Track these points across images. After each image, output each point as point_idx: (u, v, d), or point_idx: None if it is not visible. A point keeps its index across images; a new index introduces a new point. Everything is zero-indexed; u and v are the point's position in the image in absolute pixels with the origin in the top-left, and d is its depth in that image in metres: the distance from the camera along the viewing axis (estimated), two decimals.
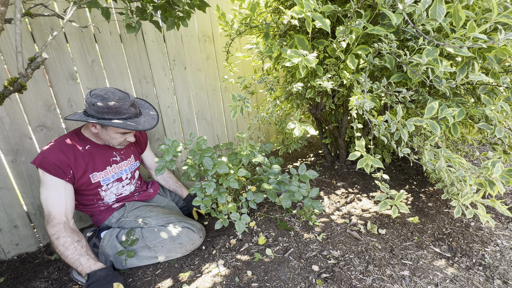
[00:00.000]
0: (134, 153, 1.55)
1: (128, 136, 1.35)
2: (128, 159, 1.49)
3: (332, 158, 2.31)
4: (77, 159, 1.27)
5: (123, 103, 1.24)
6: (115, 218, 1.44)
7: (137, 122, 1.28)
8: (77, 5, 1.04)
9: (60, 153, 1.22)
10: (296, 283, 1.15)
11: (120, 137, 1.32)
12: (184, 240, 1.34)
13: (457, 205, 1.23)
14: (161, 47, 1.81)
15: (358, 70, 1.52)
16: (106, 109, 1.21)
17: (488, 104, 1.23)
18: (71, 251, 1.15)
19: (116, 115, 1.23)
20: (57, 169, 1.20)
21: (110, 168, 1.40)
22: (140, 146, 1.60)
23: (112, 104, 1.21)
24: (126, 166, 1.48)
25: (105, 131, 1.29)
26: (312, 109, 1.82)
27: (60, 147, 1.24)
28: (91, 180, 1.33)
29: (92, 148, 1.33)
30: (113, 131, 1.29)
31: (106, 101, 1.21)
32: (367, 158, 1.18)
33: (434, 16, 1.01)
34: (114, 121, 1.22)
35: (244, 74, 2.32)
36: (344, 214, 1.62)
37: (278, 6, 1.60)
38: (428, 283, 1.14)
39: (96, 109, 1.21)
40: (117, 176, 1.44)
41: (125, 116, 1.25)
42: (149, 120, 1.34)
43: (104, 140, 1.33)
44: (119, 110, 1.23)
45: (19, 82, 0.83)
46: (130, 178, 1.51)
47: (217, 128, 2.30)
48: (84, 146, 1.31)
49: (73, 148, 1.27)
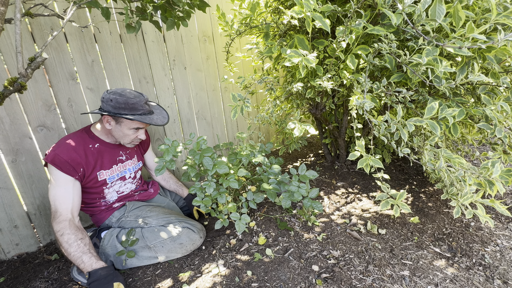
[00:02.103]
0: (138, 154, 1.58)
1: (140, 134, 1.38)
2: (132, 158, 1.52)
3: (332, 158, 2.31)
4: (87, 157, 1.30)
5: (139, 100, 1.29)
6: (116, 217, 1.44)
7: (151, 118, 1.33)
8: (77, 5, 1.04)
9: (72, 151, 1.25)
10: (296, 283, 1.15)
11: (132, 133, 1.35)
12: (184, 240, 1.34)
13: (457, 205, 1.23)
14: (161, 47, 1.81)
15: (358, 70, 1.52)
16: (123, 104, 1.25)
17: (488, 104, 1.23)
18: (74, 248, 1.16)
19: (131, 110, 1.28)
20: (68, 167, 1.23)
21: (116, 166, 1.43)
22: (143, 147, 1.62)
23: (129, 100, 1.26)
24: (130, 166, 1.51)
25: (119, 126, 1.32)
26: (312, 109, 1.82)
27: (72, 145, 1.26)
28: (98, 178, 1.36)
29: (101, 147, 1.36)
30: (126, 127, 1.32)
31: (123, 97, 1.26)
32: (367, 158, 1.18)
33: (433, 17, 1.01)
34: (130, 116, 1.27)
35: (244, 74, 2.32)
36: (344, 214, 1.62)
37: (278, 6, 1.60)
38: (428, 283, 1.14)
39: (113, 104, 1.25)
40: (121, 174, 1.47)
41: (139, 112, 1.30)
42: (161, 118, 1.39)
43: (116, 137, 1.36)
44: (135, 106, 1.28)
45: (19, 82, 0.83)
46: (132, 178, 1.53)
47: (217, 128, 2.30)
48: (93, 144, 1.34)
49: (83, 145, 1.30)
